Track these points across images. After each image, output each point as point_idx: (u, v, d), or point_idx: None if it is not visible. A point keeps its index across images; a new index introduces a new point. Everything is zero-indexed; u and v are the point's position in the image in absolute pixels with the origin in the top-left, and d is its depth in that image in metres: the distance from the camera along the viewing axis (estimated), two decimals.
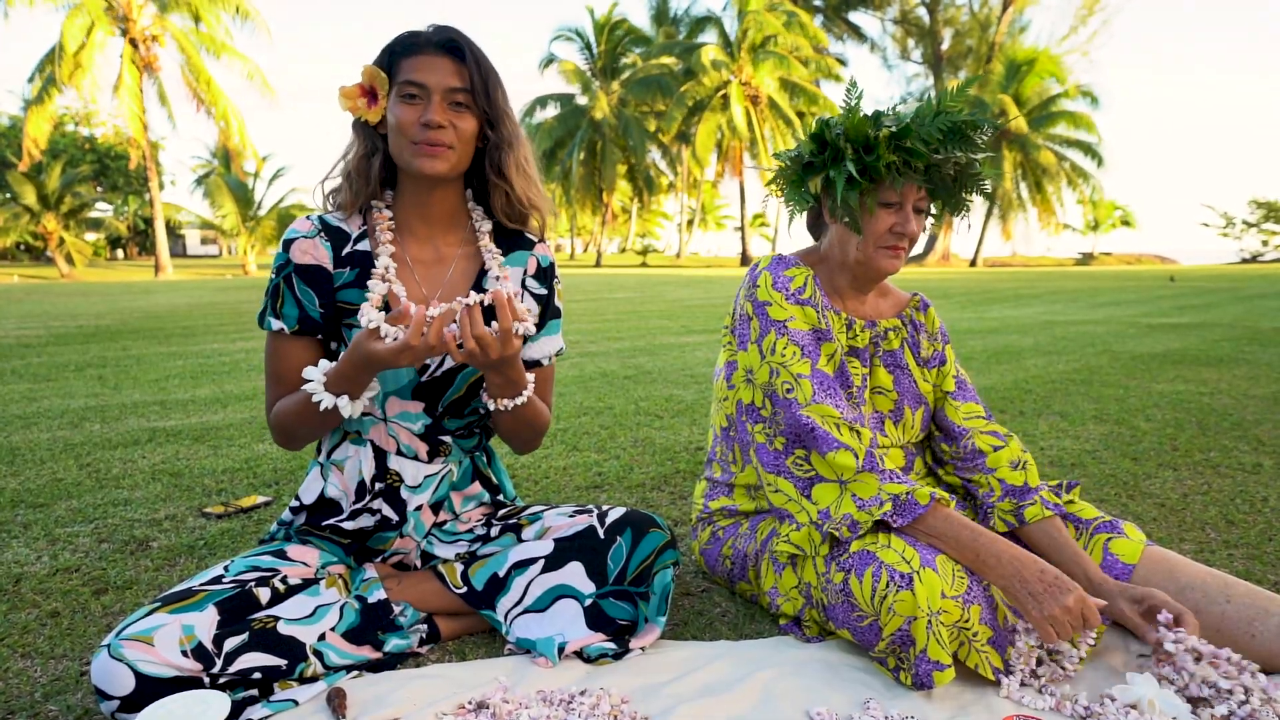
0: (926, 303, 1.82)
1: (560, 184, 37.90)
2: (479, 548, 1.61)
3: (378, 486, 1.54)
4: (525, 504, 1.73)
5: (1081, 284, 18.35)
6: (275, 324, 1.47)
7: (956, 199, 1.62)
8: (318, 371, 1.38)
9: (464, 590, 1.54)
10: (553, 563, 1.53)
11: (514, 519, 1.65)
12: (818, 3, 45.22)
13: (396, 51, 1.43)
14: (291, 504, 1.57)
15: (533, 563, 1.53)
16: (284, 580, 1.41)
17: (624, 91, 37.60)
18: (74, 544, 2.05)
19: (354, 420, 1.53)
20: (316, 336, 1.49)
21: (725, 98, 34.75)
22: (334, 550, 1.57)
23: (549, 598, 1.51)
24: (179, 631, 1.23)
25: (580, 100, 38.96)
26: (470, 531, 1.65)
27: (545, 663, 1.43)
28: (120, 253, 48.75)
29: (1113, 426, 3.43)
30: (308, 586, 1.43)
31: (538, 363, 1.63)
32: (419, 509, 1.56)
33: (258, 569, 1.42)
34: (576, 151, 37.50)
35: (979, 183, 1.61)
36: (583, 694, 1.33)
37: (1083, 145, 39.24)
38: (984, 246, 44.44)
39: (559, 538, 1.56)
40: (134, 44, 25.09)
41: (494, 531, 1.63)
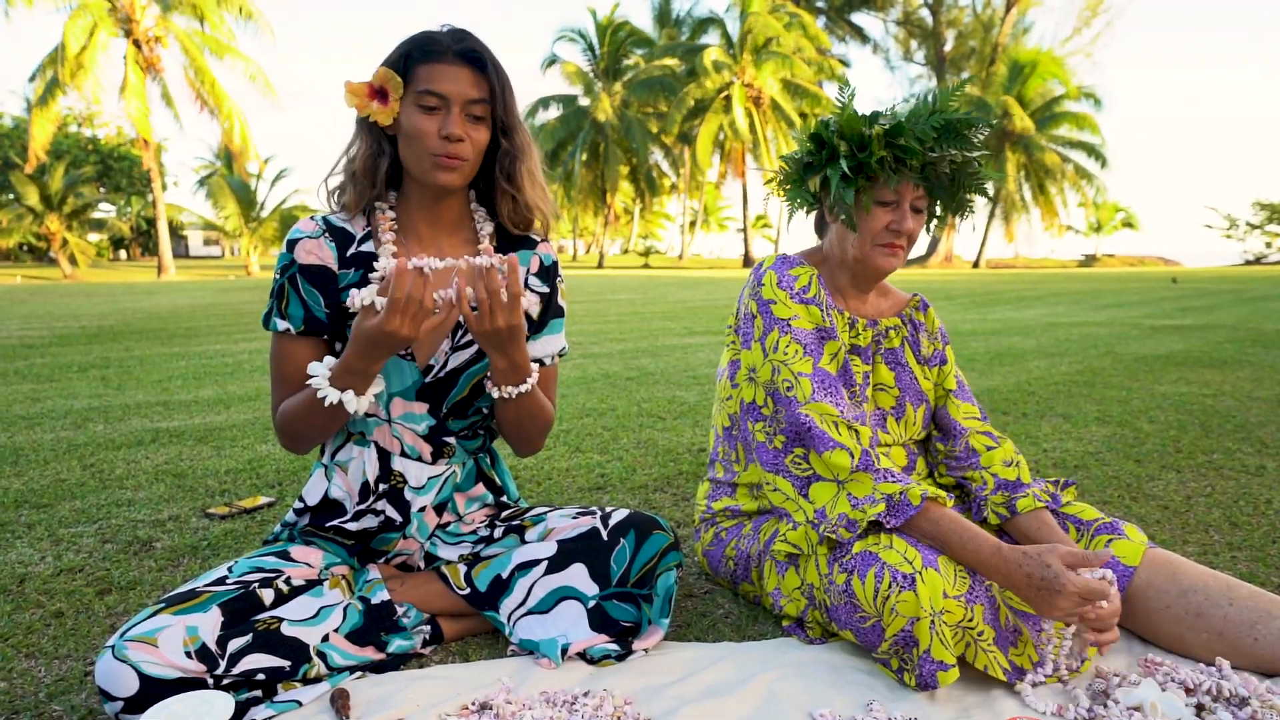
0: (926, 303, 1.83)
1: (562, 185, 37.92)
2: (482, 549, 1.61)
3: (381, 488, 1.54)
4: (528, 505, 1.73)
5: (1084, 286, 18.34)
6: (280, 324, 1.46)
7: (956, 199, 1.63)
8: (322, 366, 1.38)
9: (467, 591, 1.54)
10: (556, 564, 1.53)
11: (517, 520, 1.65)
12: (820, 4, 45.26)
13: (414, 55, 1.40)
14: (295, 505, 1.58)
15: (536, 564, 1.53)
16: (288, 581, 1.41)
17: (626, 93, 37.65)
18: (78, 544, 2.06)
19: (358, 421, 1.53)
20: (322, 337, 1.49)
21: (728, 99, 34.77)
22: (337, 551, 1.57)
23: (552, 599, 1.51)
24: (183, 632, 1.23)
25: (583, 101, 39.00)
26: (474, 533, 1.65)
27: (548, 664, 1.43)
28: (123, 253, 48.85)
29: (1116, 428, 3.42)
30: (311, 587, 1.43)
31: (540, 361, 1.63)
32: (422, 510, 1.56)
33: (261, 570, 1.42)
34: (579, 152, 37.54)
35: (978, 182, 1.62)
36: (586, 695, 1.33)
37: (1086, 146, 39.24)
38: (987, 248, 44.44)
39: (562, 539, 1.56)
40: (137, 45, 25.13)
41: (497, 533, 1.63)
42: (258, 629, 1.30)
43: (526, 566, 1.53)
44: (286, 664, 1.31)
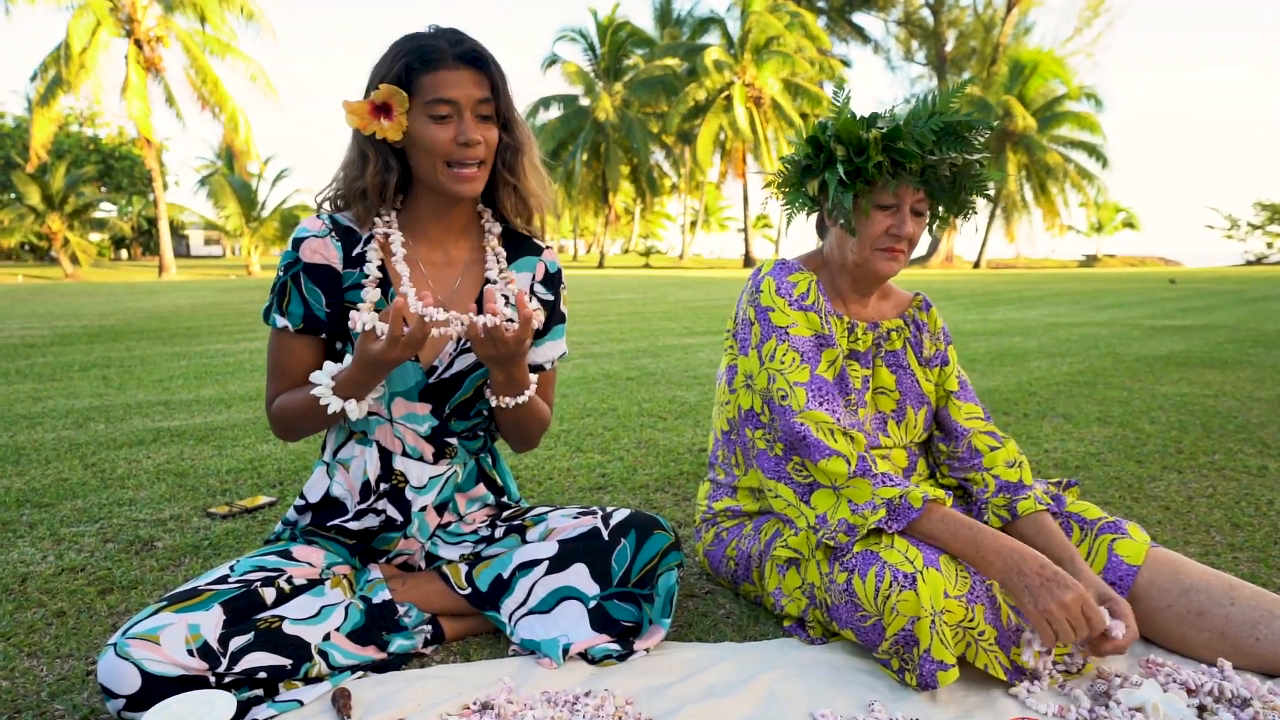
0: (929, 302, 1.82)
1: (563, 185, 37.91)
2: (483, 549, 1.61)
3: (383, 487, 1.54)
4: (529, 505, 1.73)
5: (1085, 286, 18.33)
6: (279, 321, 1.47)
7: (958, 201, 1.61)
8: (325, 375, 1.39)
9: (468, 591, 1.54)
10: (557, 564, 1.53)
11: (518, 520, 1.65)
12: (821, 4, 45.24)
13: (414, 66, 1.37)
14: (296, 503, 1.58)
15: (537, 564, 1.53)
16: (289, 580, 1.41)
17: (627, 92, 37.65)
18: (79, 544, 2.06)
19: (360, 420, 1.53)
20: (320, 336, 1.49)
21: (728, 99, 34.78)
22: (339, 551, 1.57)
23: (553, 599, 1.51)
24: (185, 631, 1.23)
25: (583, 101, 38.99)
26: (475, 533, 1.65)
27: (550, 664, 1.43)
28: (124, 253, 48.87)
29: (1117, 429, 3.42)
30: (313, 587, 1.43)
31: (540, 367, 1.63)
32: (423, 510, 1.57)
33: (263, 569, 1.43)
34: (580, 152, 37.54)
35: (980, 184, 1.59)
36: (587, 695, 1.33)
37: (1087, 146, 39.22)
38: (987, 248, 44.40)
39: (563, 539, 1.56)
40: (139, 45, 25.14)
41: (498, 533, 1.63)
42: (259, 628, 1.30)
43: (528, 566, 1.53)
44: (288, 663, 1.31)
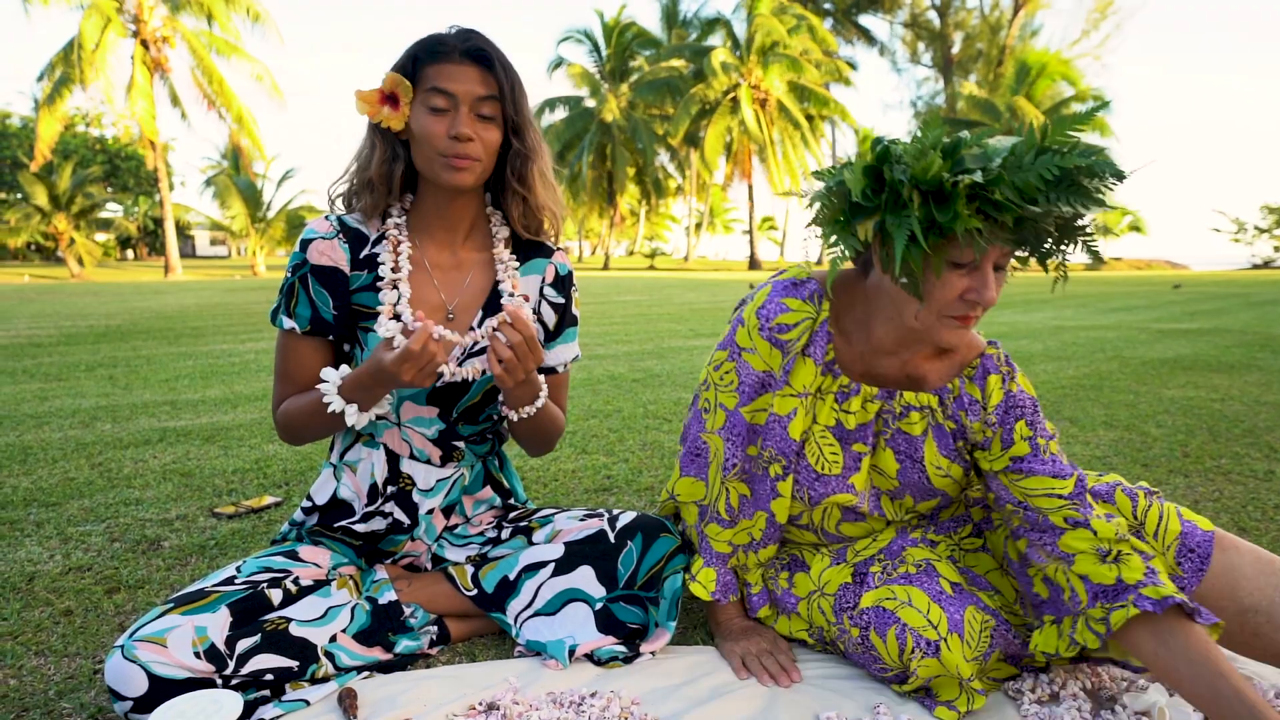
0: (994, 365, 1.42)
1: (568, 186, 37.92)
2: (489, 550, 1.61)
3: (389, 489, 1.54)
4: (535, 507, 1.74)
5: (1091, 289, 18.29)
6: (287, 323, 1.47)
7: (1050, 252, 1.25)
8: (335, 374, 1.39)
9: (474, 593, 1.54)
10: (563, 566, 1.53)
11: (525, 522, 1.65)
12: (827, 6, 45.25)
13: (421, 57, 1.40)
14: (304, 504, 1.58)
15: (543, 566, 1.53)
16: (296, 581, 1.41)
17: (633, 94, 37.65)
18: (86, 543, 2.07)
19: (368, 423, 1.53)
20: (328, 338, 1.50)
21: (735, 100, 34.77)
22: (345, 551, 1.57)
23: (559, 601, 1.51)
24: (192, 633, 1.24)
25: (589, 103, 39.01)
26: (481, 534, 1.65)
27: (556, 665, 1.43)
28: (130, 253, 49.05)
29: (1123, 433, 3.41)
30: (319, 588, 1.43)
31: (553, 370, 1.64)
32: (430, 512, 1.57)
33: (270, 570, 1.43)
34: (585, 154, 37.55)
35: (1089, 240, 1.23)
36: (593, 696, 1.33)
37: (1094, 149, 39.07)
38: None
39: (570, 541, 1.56)
40: (145, 45, 25.22)
41: (505, 534, 1.64)
42: (266, 629, 1.31)
43: (534, 568, 1.54)
44: (294, 664, 1.31)
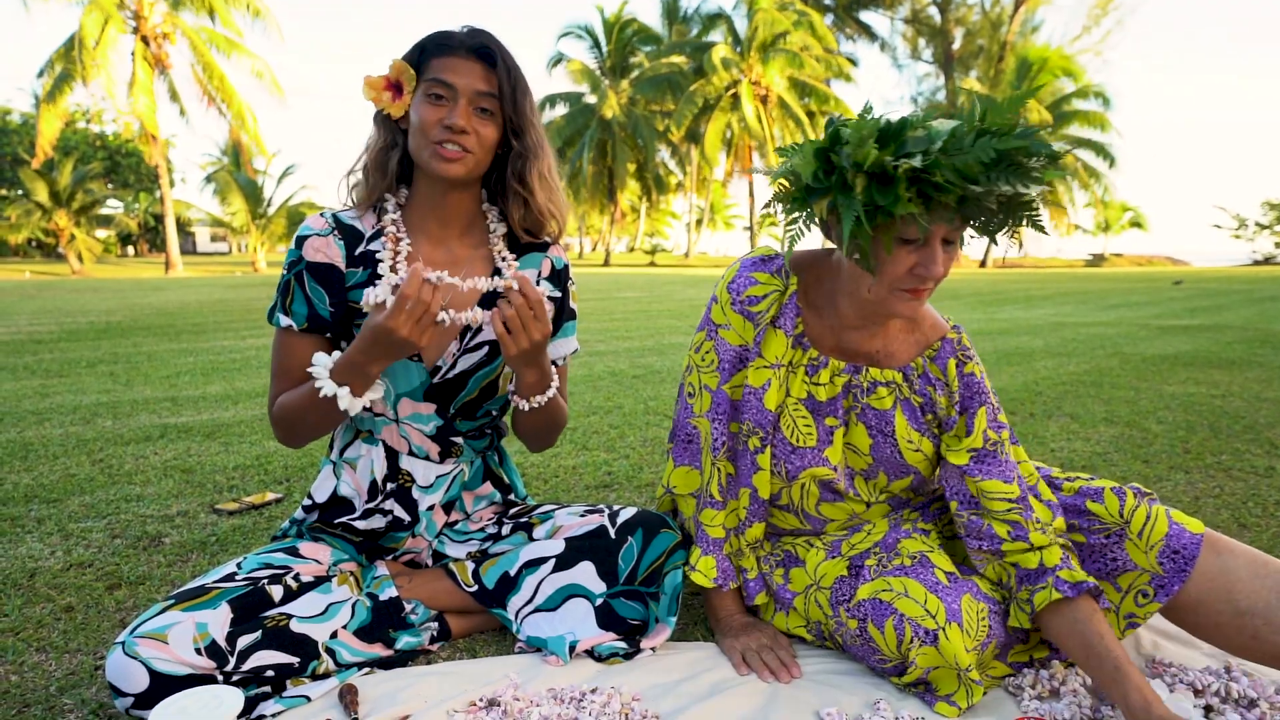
0: (953, 348, 1.47)
1: (569, 183, 37.87)
2: (490, 546, 1.62)
3: (389, 486, 1.54)
4: (536, 503, 1.74)
5: (1092, 285, 18.28)
6: (284, 320, 1.47)
7: (998, 227, 1.29)
8: (326, 358, 1.39)
9: (475, 589, 1.54)
10: (564, 562, 1.53)
11: (525, 518, 1.65)
12: (828, 1, 45.17)
13: (428, 49, 1.42)
14: (304, 502, 1.58)
15: (544, 562, 1.53)
16: (296, 578, 1.41)
17: (633, 90, 37.59)
18: (87, 539, 2.07)
19: (366, 420, 1.53)
20: (325, 335, 1.49)
21: (735, 97, 34.71)
22: (346, 548, 1.57)
23: (560, 597, 1.51)
24: (193, 629, 1.24)
25: (589, 99, 38.95)
26: (482, 530, 1.65)
27: (556, 661, 1.44)
28: (131, 249, 49.06)
29: (1124, 429, 3.41)
30: (320, 584, 1.44)
31: (554, 363, 1.64)
32: (430, 509, 1.57)
33: (270, 566, 1.43)
34: (585, 150, 37.50)
35: (1034, 215, 1.27)
36: (594, 692, 1.33)
37: (1094, 145, 39.05)
38: (994, 247, 44.25)
39: (570, 537, 1.56)
40: (145, 41, 25.19)
41: (505, 530, 1.64)
42: (266, 626, 1.31)
43: (534, 564, 1.54)
44: (295, 661, 1.31)
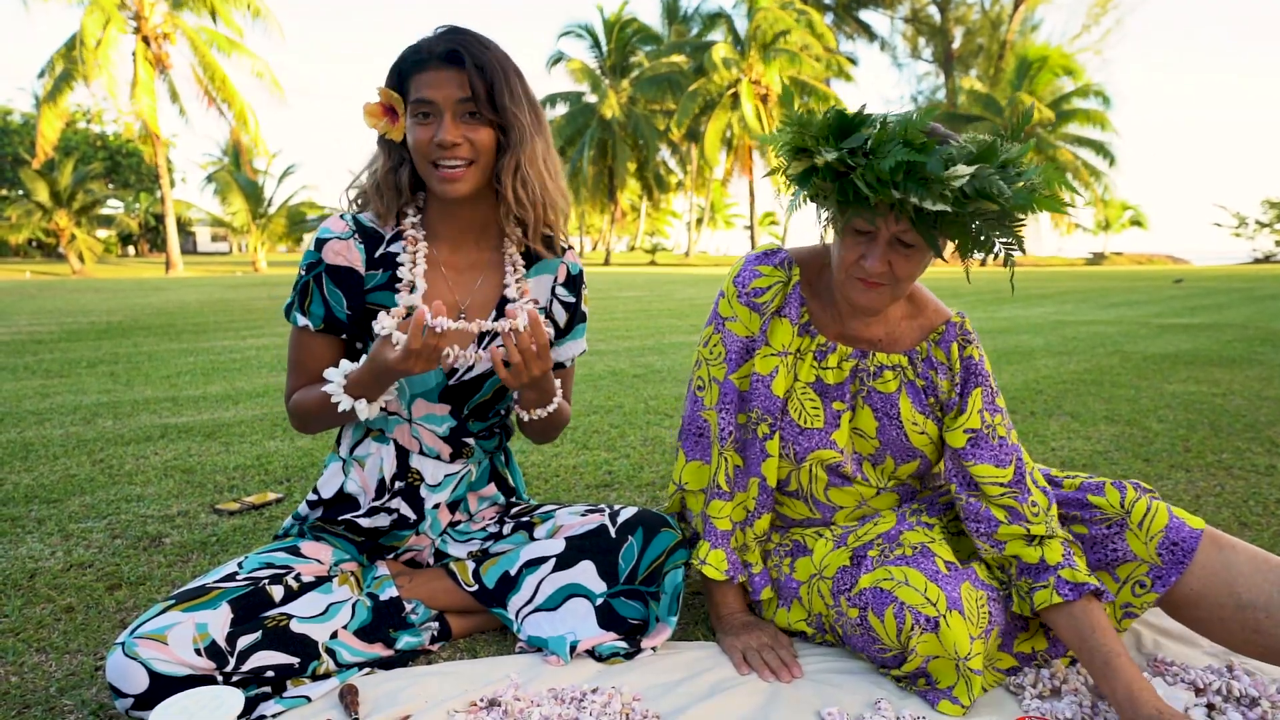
0: (955, 333, 1.51)
1: (569, 183, 37.72)
2: (491, 546, 1.61)
3: (398, 485, 1.54)
4: (537, 503, 1.74)
5: (1092, 284, 18.28)
6: (300, 320, 1.48)
7: (980, 246, 1.31)
8: (338, 374, 1.39)
9: (475, 588, 1.54)
10: (564, 562, 1.53)
11: (526, 517, 1.65)
12: (828, 1, 45.15)
13: (404, 69, 1.40)
14: (309, 497, 1.58)
15: (544, 561, 1.53)
16: (297, 578, 1.41)
17: (633, 90, 37.58)
18: (88, 539, 2.07)
19: (379, 419, 1.54)
20: (340, 336, 1.50)
21: (735, 96, 34.70)
22: (347, 548, 1.57)
23: (560, 596, 1.51)
24: (192, 630, 1.24)
25: (590, 99, 38.93)
26: (483, 530, 1.65)
27: (557, 661, 1.44)
28: (131, 249, 49.08)
29: (1124, 427, 3.41)
30: (320, 584, 1.44)
31: (561, 364, 1.64)
32: (436, 508, 1.57)
33: (271, 566, 1.43)
34: (586, 150, 37.49)
35: (1011, 231, 1.28)
36: (594, 692, 1.33)
37: (1094, 144, 39.04)
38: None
39: (571, 536, 1.56)
40: (146, 41, 25.19)
41: (506, 530, 1.64)
42: (267, 626, 1.31)
43: (535, 563, 1.54)
44: (295, 661, 1.31)
